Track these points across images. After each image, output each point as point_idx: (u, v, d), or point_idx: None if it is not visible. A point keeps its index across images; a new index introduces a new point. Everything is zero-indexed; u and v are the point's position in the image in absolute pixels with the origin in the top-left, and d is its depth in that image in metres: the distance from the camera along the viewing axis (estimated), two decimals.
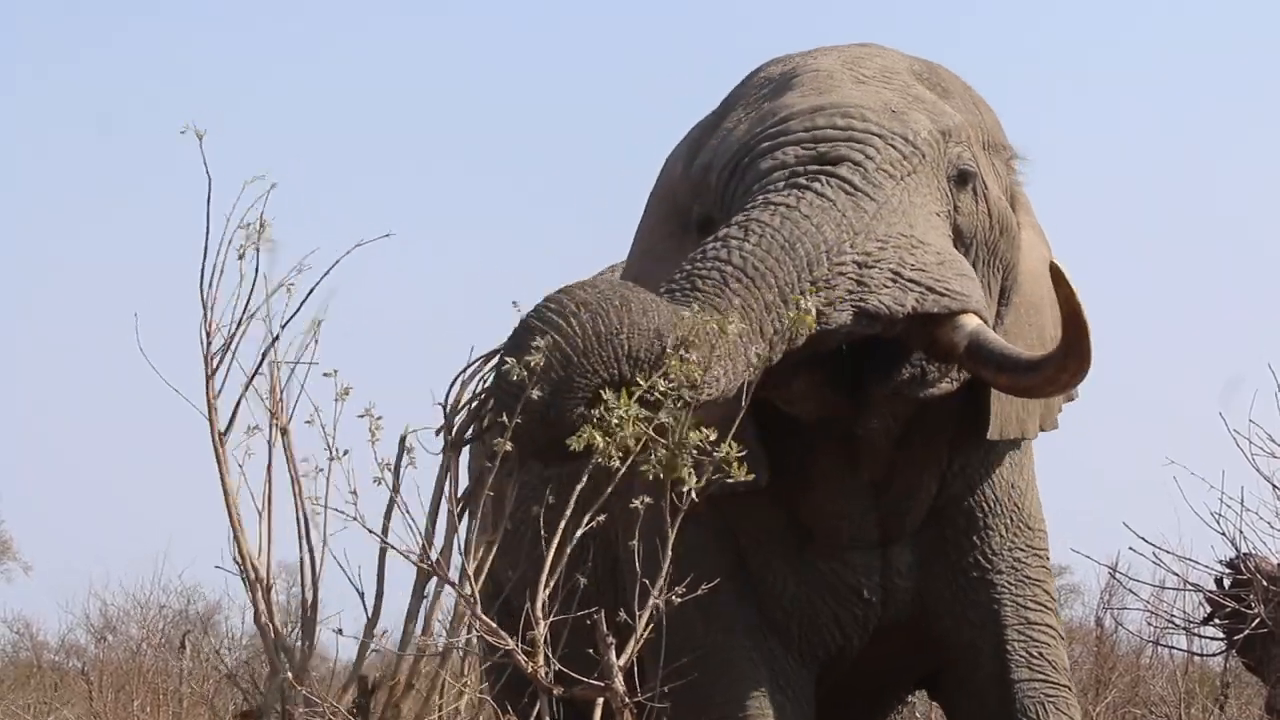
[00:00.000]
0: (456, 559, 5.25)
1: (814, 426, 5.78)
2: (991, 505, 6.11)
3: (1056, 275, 5.40)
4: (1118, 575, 9.76)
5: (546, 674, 5.12)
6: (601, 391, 4.97)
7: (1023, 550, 6.14)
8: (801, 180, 5.43)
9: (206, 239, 5.59)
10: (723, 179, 5.64)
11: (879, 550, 6.05)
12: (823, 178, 5.42)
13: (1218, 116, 31.12)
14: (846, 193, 5.40)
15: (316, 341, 5.55)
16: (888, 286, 5.31)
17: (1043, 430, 6.20)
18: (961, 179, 5.68)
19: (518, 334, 5.03)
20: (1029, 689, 6.06)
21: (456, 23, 34.48)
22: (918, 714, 12.51)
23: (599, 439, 4.93)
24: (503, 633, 5.10)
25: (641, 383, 4.97)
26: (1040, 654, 6.10)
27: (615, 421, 4.94)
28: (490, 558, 5.25)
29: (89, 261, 31.50)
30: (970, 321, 5.47)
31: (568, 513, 5.17)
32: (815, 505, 5.99)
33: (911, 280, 5.35)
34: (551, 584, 5.16)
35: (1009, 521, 6.13)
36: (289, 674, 5.40)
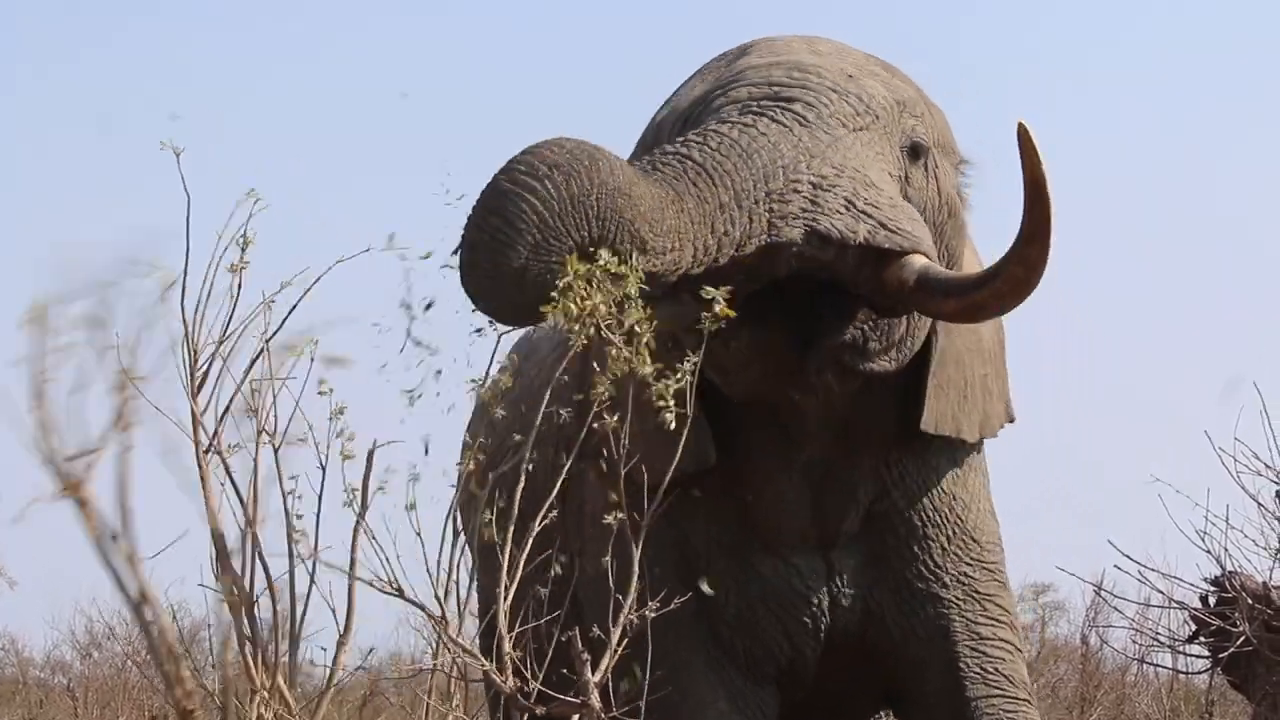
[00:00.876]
0: (427, 584, 5.27)
1: (756, 409, 5.72)
2: (930, 516, 6.06)
3: (1024, 136, 5.25)
4: (1103, 593, 9.76)
5: (520, 689, 5.14)
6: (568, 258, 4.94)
7: (969, 565, 6.09)
8: (755, 108, 5.42)
9: (187, 256, 5.59)
10: (675, 129, 5.61)
11: (821, 554, 6.02)
12: (777, 109, 5.41)
13: (1218, 117, 31.06)
14: (801, 124, 5.39)
15: (309, 358, 5.56)
16: (841, 212, 5.28)
17: (982, 436, 6.14)
18: (914, 151, 5.65)
19: (489, 197, 4.96)
20: (987, 705, 6.02)
21: (457, 25, 34.41)
22: None
23: (573, 307, 4.91)
24: (476, 653, 5.11)
25: (604, 255, 4.94)
26: (996, 669, 6.05)
27: (580, 288, 4.92)
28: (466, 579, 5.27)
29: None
30: (918, 260, 5.40)
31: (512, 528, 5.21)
32: (755, 492, 5.94)
33: (864, 212, 5.31)
34: (511, 597, 5.19)
35: (950, 534, 6.08)
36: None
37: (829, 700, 6.31)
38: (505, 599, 5.18)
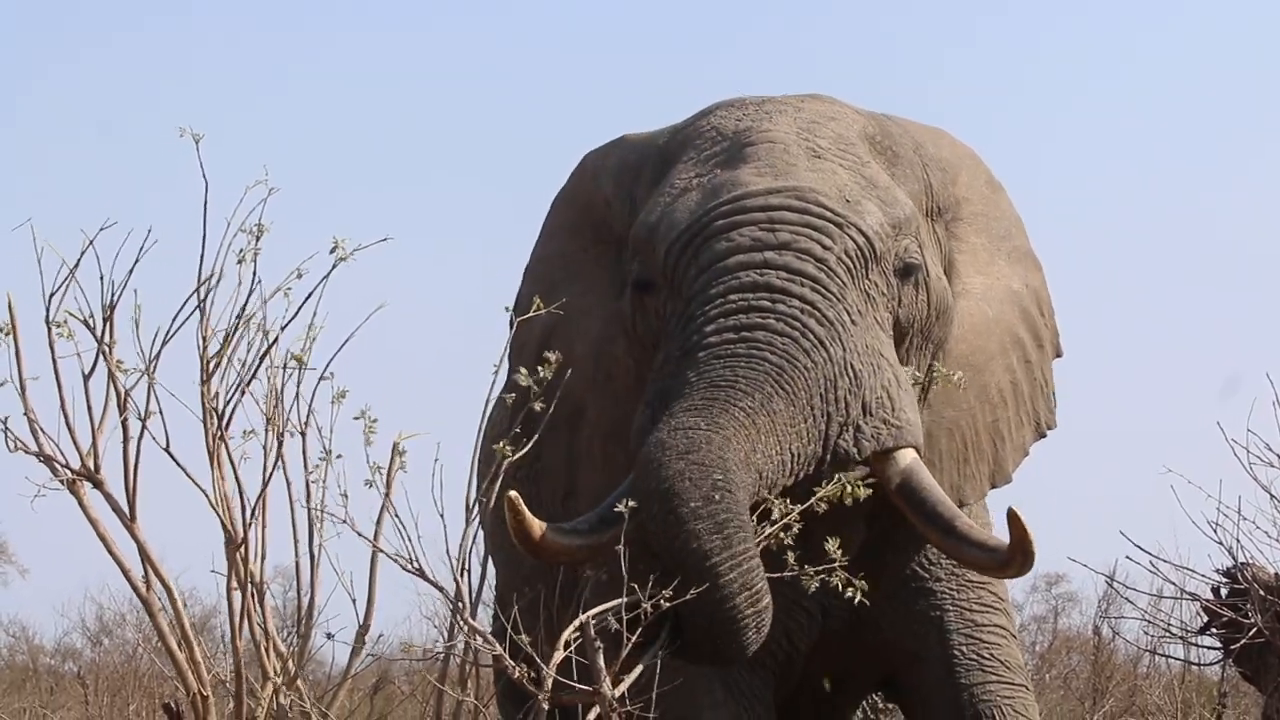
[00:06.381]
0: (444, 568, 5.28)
1: None
2: None
3: (1014, 519, 5.46)
4: (1115, 584, 9.71)
5: (532, 676, 5.16)
6: None
7: None
8: (768, 278, 5.45)
9: (204, 243, 5.59)
10: (674, 254, 5.61)
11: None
12: (791, 284, 5.45)
13: (1220, 119, 31.08)
14: (822, 303, 5.44)
15: (312, 343, 5.57)
16: (861, 428, 5.44)
17: (994, 486, 6.15)
18: (906, 271, 5.70)
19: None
20: (984, 692, 6.04)
21: (464, 26, 34.43)
22: None
23: None
24: (492, 639, 5.13)
25: None
26: (991, 654, 6.09)
27: None
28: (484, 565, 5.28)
29: None
30: (906, 457, 5.53)
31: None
32: None
33: (874, 413, 5.45)
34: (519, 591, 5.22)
35: None
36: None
37: (818, 688, 6.30)
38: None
